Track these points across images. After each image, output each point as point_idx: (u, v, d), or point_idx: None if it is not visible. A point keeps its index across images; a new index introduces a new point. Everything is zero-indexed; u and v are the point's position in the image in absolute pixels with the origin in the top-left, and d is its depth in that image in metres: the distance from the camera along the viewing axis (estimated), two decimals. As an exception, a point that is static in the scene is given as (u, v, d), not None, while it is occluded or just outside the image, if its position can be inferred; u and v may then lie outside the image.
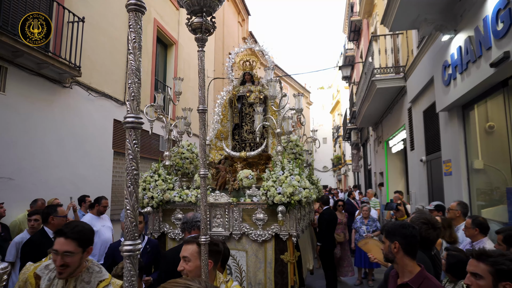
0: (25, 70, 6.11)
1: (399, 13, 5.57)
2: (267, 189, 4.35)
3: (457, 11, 5.12)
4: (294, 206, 4.34)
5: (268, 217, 4.48)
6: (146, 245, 3.87)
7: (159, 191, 4.78)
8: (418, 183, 8.19)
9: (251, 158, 5.52)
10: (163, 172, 4.98)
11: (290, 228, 4.39)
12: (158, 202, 4.75)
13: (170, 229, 4.83)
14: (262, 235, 4.44)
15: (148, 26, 10.57)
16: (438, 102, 6.04)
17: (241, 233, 4.54)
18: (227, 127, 6.28)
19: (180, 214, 4.84)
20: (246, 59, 6.31)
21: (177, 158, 5.37)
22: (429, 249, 2.55)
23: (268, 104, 5.96)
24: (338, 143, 35.45)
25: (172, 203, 4.86)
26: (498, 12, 3.80)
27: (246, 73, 6.27)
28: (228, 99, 6.32)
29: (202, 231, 1.89)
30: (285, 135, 5.20)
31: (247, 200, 4.64)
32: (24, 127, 6.13)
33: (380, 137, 12.86)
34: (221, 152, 6.13)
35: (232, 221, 4.58)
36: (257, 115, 4.97)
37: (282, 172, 4.41)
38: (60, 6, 6.73)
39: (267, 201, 4.36)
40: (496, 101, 4.82)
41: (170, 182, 4.94)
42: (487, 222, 3.59)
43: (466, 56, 4.73)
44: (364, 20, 14.93)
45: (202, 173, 1.96)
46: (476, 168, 5.42)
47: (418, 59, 7.38)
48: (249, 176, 4.87)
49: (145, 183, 4.86)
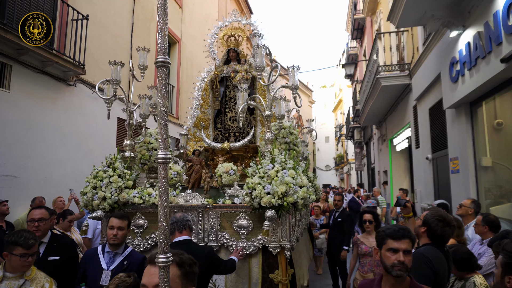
0: (30, 68, 6.08)
1: (405, 10, 5.52)
2: (252, 187, 3.39)
3: (465, 7, 5.06)
4: (287, 210, 3.40)
5: (253, 224, 3.56)
6: (124, 261, 2.85)
7: (114, 190, 3.77)
8: (424, 181, 8.14)
9: (236, 150, 4.61)
10: (120, 165, 3.96)
11: (282, 238, 3.45)
12: (112, 204, 3.76)
13: (129, 239, 3.78)
14: (246, 247, 3.50)
15: (151, 25, 10.54)
16: (445, 99, 5.99)
17: (219, 244, 3.61)
18: (208, 114, 5.36)
19: (141, 219, 3.88)
20: (231, 33, 5.33)
21: (142, 149, 4.56)
22: (443, 246, 2.52)
23: (257, 86, 5.16)
24: (340, 141, 35.38)
25: (131, 205, 3.88)
26: (509, 7, 3.75)
27: (231, 50, 5.29)
28: (210, 81, 5.33)
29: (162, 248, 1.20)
30: (277, 120, 4.24)
31: (227, 201, 3.73)
32: (28, 125, 6.10)
33: (384, 135, 12.80)
34: (201, 144, 5.17)
35: (207, 229, 3.64)
36: (241, 92, 4.01)
37: (272, 166, 3.46)
38: (64, 4, 6.70)
39: (252, 204, 3.41)
40: (505, 98, 4.77)
41: (129, 179, 3.94)
42: (498, 220, 3.55)
43: (475, 52, 4.67)
44: (368, 18, 14.86)
45: (161, 156, 1.24)
46: (484, 166, 5.36)
47: (424, 56, 7.32)
48: (230, 171, 3.96)
49: (95, 180, 3.84)
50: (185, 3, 12.59)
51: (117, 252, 2.89)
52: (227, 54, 5.36)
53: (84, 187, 3.91)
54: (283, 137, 4.93)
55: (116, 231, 2.84)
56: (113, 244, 2.86)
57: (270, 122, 4.05)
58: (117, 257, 2.87)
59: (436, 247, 2.44)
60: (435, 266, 2.32)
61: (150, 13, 10.39)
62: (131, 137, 4.31)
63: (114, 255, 2.88)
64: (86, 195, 3.85)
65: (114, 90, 4.13)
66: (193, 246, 2.86)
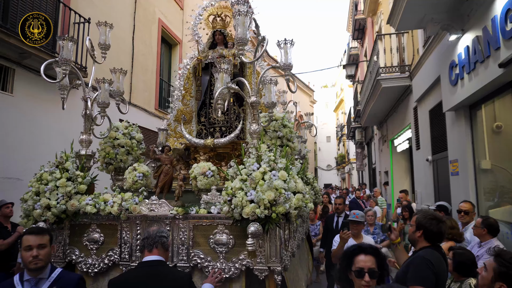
0: (33, 71, 6.14)
1: (405, 13, 5.54)
2: (231, 193, 2.73)
3: (464, 11, 5.09)
4: (277, 223, 2.71)
5: (234, 241, 2.85)
6: (53, 286, 2.31)
7: (61, 196, 3.05)
8: (424, 183, 8.17)
9: (221, 147, 3.91)
10: (72, 166, 3.24)
11: (271, 258, 2.75)
12: (58, 214, 3.03)
13: (81, 256, 3.15)
14: (226, 269, 2.81)
15: (153, 26, 10.60)
16: (445, 101, 6.02)
17: (191, 265, 2.91)
18: (191, 106, 4.68)
19: (96, 232, 3.16)
20: (217, 13, 4.68)
21: (107, 146, 3.96)
22: (439, 245, 2.58)
23: (247, 73, 4.52)
24: (342, 141, 35.39)
25: (83, 215, 3.16)
26: (507, 13, 3.78)
27: (217, 32, 4.62)
28: (193, 68, 4.67)
29: None
30: (267, 109, 3.49)
31: (202, 211, 2.98)
32: (31, 127, 6.17)
33: (385, 136, 12.83)
34: (182, 141, 4.51)
35: (176, 245, 2.94)
36: (220, 73, 3.31)
37: (258, 166, 2.79)
38: (66, 7, 6.76)
39: (232, 214, 2.73)
40: (504, 101, 4.80)
41: (81, 182, 3.22)
42: (498, 224, 3.58)
43: (473, 56, 4.70)
44: (369, 19, 14.88)
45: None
46: (483, 168, 5.39)
47: (424, 58, 7.35)
48: (207, 172, 3.20)
49: (39, 184, 3.11)
50: (186, 5, 12.64)
51: (41, 278, 2.28)
52: (212, 37, 4.64)
53: (25, 192, 3.21)
54: (274, 130, 4.04)
55: (36, 251, 2.24)
56: (35, 269, 2.25)
57: (257, 111, 3.30)
58: (42, 284, 2.28)
59: (434, 250, 2.48)
60: (436, 268, 2.35)
61: (151, 15, 10.45)
62: (88, 130, 3.61)
63: (38, 281, 2.27)
64: (26, 202, 3.13)
65: (64, 72, 3.40)
66: (164, 270, 2.30)
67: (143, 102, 9.89)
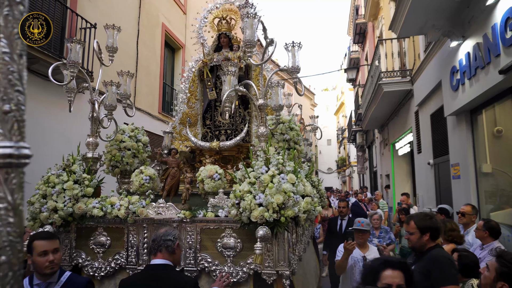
0: (41, 76, 6.25)
1: (407, 20, 5.63)
2: (239, 196, 2.71)
3: (465, 18, 5.18)
4: (286, 227, 2.72)
5: (242, 244, 2.86)
6: None
7: (68, 199, 3.06)
8: (426, 186, 8.24)
9: (227, 150, 3.90)
10: (78, 169, 3.23)
11: (279, 262, 2.75)
12: (65, 217, 3.05)
13: (88, 260, 3.16)
14: (233, 273, 2.81)
15: (156, 31, 10.71)
16: (446, 106, 6.11)
17: (198, 269, 2.90)
18: (196, 109, 4.69)
19: (103, 236, 3.16)
20: (222, 16, 4.66)
21: (113, 149, 3.94)
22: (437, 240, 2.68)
23: (252, 76, 4.51)
24: (342, 144, 35.46)
25: (90, 218, 3.16)
26: (506, 21, 3.87)
27: (222, 35, 4.62)
28: (198, 71, 4.69)
29: None
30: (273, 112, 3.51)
31: (210, 214, 2.96)
32: (37, 131, 6.26)
33: (386, 139, 12.91)
34: (187, 144, 4.53)
35: (184, 248, 2.94)
36: (227, 76, 3.30)
37: (266, 169, 2.78)
38: (73, 13, 6.87)
39: (240, 218, 2.71)
40: (504, 107, 4.89)
41: (88, 185, 3.22)
42: (499, 226, 3.66)
43: (474, 62, 4.80)
44: (369, 23, 15.00)
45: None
46: (484, 172, 5.47)
47: (425, 63, 7.45)
48: (214, 175, 3.20)
49: (46, 186, 3.11)
50: (189, 9, 12.76)
51: (51, 282, 2.30)
52: (217, 40, 4.66)
53: (32, 195, 3.19)
54: (282, 133, 4.11)
55: (52, 256, 2.26)
56: (50, 274, 2.28)
57: (264, 114, 3.32)
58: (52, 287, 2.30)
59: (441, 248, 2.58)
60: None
61: (154, 19, 10.57)
62: (95, 133, 3.62)
63: (48, 285, 2.29)
64: (33, 205, 3.12)
65: (72, 75, 3.39)
66: (168, 275, 2.24)
67: (147, 105, 9.98)
